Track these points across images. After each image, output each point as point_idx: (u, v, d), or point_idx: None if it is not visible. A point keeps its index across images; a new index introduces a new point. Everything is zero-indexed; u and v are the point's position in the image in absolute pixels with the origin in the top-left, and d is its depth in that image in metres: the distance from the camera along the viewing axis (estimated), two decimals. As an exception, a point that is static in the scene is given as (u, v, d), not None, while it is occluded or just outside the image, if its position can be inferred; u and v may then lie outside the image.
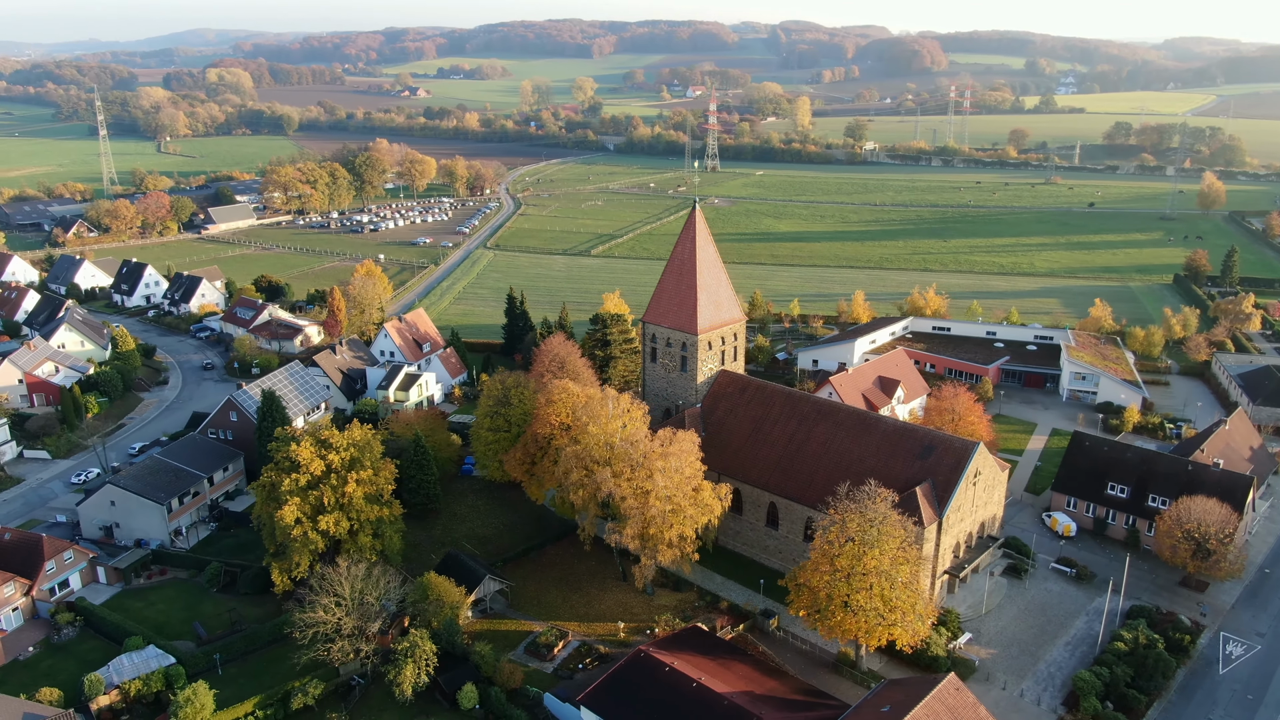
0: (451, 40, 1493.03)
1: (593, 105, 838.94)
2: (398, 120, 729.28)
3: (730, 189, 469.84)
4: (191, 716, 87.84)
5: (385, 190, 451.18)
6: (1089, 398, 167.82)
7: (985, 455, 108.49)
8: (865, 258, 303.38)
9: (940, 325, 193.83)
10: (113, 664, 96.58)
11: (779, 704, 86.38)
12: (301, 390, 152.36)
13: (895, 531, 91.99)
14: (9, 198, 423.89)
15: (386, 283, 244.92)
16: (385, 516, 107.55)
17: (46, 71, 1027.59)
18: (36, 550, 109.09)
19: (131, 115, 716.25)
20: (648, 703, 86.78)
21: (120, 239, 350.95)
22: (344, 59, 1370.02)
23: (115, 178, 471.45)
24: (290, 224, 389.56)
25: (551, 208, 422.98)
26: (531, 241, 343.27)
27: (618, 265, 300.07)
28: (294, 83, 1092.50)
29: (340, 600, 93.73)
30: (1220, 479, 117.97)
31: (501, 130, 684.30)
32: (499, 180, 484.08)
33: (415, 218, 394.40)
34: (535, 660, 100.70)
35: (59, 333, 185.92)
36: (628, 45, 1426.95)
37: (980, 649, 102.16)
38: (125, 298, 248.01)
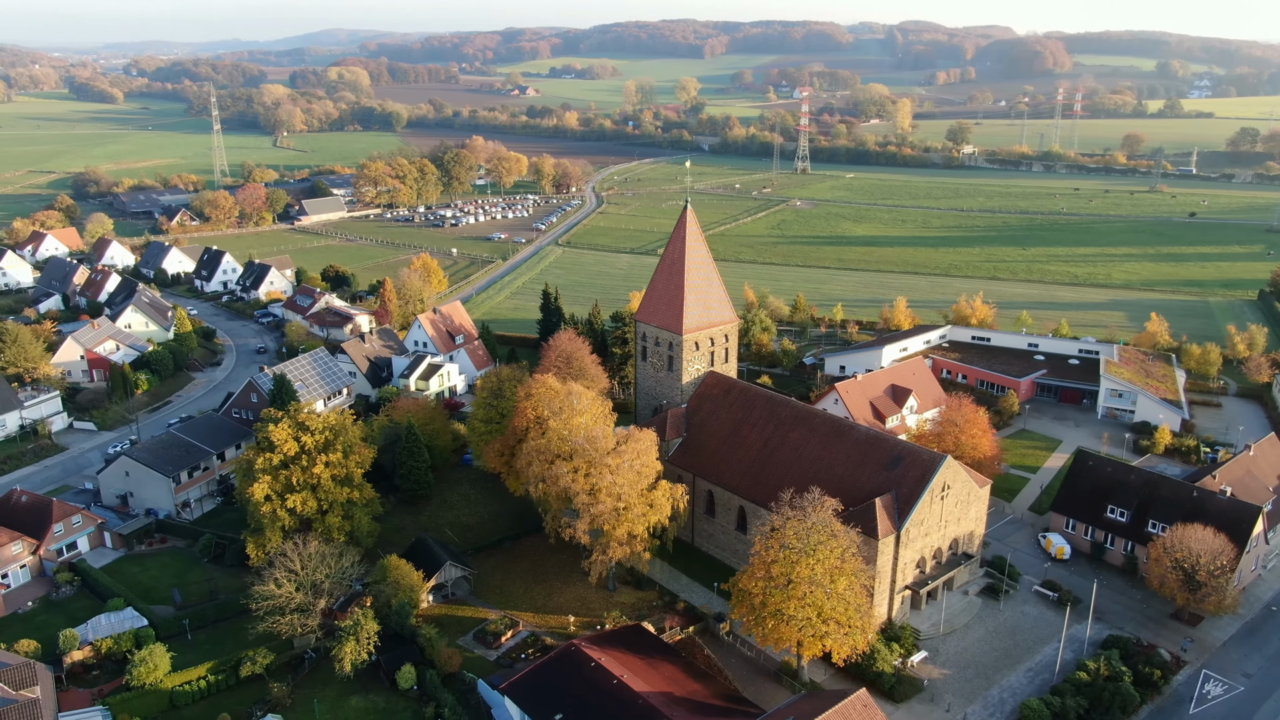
0: (566, 40, 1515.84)
1: (695, 105, 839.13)
2: (501, 118, 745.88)
3: (816, 191, 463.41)
4: (145, 676, 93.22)
5: (473, 186, 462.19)
6: (1126, 416, 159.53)
7: (955, 470, 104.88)
8: (934, 264, 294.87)
9: (980, 335, 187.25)
10: (90, 622, 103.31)
11: (694, 707, 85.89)
12: (323, 375, 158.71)
13: (835, 541, 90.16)
14: (128, 187, 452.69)
15: (442, 275, 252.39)
16: (356, 499, 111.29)
17: (185, 69, 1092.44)
18: (46, 513, 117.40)
19: (253, 111, 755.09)
20: (567, 696, 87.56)
21: (218, 228, 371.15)
22: (462, 58, 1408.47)
23: (226, 169, 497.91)
24: (378, 217, 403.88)
25: (632, 206, 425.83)
26: (603, 239, 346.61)
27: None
28: (411, 81, 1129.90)
29: (293, 575, 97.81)
30: (1226, 508, 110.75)
31: (599, 129, 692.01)
32: (585, 178, 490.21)
33: (497, 214, 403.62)
34: (481, 647, 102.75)
35: (126, 314, 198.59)
36: (740, 46, 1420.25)
37: (934, 669, 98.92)
38: (204, 283, 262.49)
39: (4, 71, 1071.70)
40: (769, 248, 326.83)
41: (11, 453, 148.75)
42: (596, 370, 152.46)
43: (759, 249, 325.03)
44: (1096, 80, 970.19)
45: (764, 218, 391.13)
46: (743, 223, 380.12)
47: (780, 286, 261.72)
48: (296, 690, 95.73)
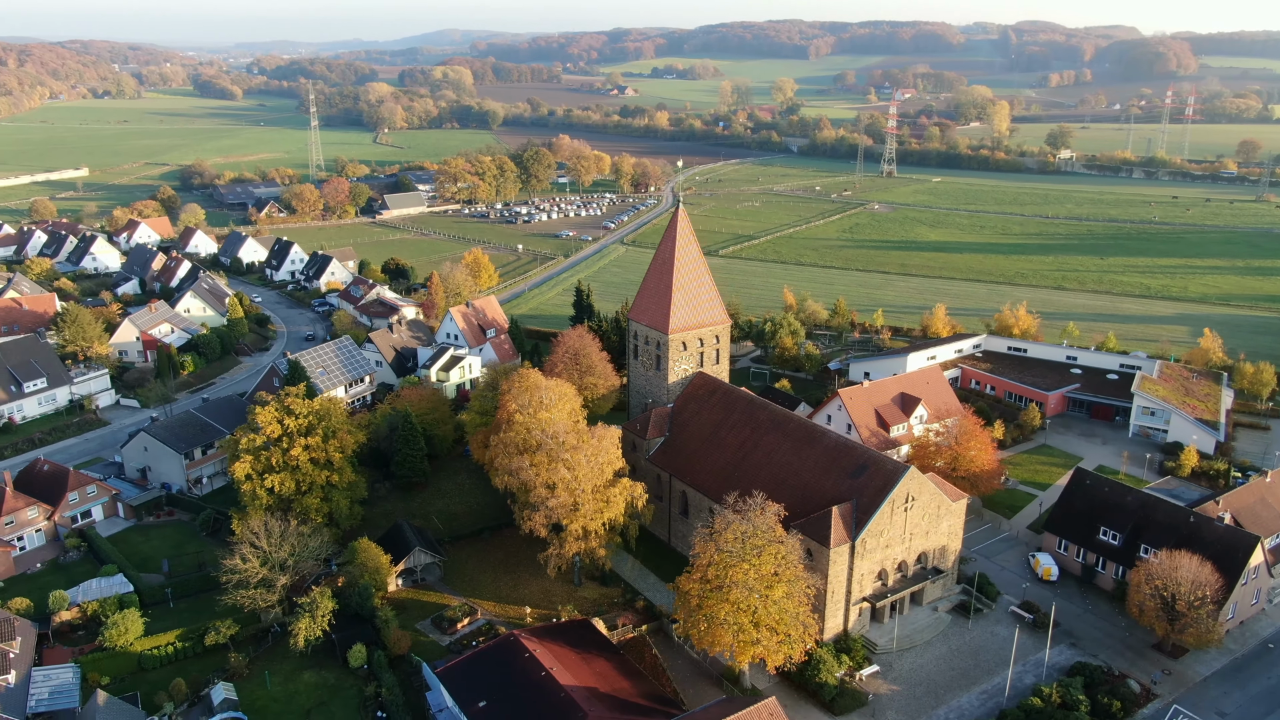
0: (671, 40, 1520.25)
1: (790, 106, 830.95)
2: (594, 117, 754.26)
3: (899, 195, 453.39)
4: (116, 638, 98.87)
5: (551, 184, 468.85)
6: (1159, 436, 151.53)
7: (921, 482, 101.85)
8: (1000, 271, 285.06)
9: (1016, 346, 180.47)
10: (82, 585, 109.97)
11: (614, 704, 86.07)
12: (345, 363, 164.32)
13: (775, 547, 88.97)
14: (228, 180, 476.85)
15: (492, 271, 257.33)
16: (335, 482, 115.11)
17: (301, 68, 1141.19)
18: (63, 482, 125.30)
19: (358, 109, 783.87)
20: (495, 684, 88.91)
21: (304, 220, 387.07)
22: (567, 58, 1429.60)
23: (322, 164, 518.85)
24: (456, 213, 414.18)
25: (707, 207, 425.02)
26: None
27: (735, 266, 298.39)
28: (514, 80, 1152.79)
29: (259, 551, 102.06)
30: (1222, 535, 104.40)
31: (689, 129, 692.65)
32: (665, 178, 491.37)
33: (571, 211, 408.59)
34: (437, 632, 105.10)
35: (185, 299, 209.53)
36: (846, 46, 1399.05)
37: (883, 684, 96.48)
38: (274, 272, 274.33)
39: (137, 70, 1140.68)
40: (834, 251, 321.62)
41: (58, 425, 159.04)
42: (605, 367, 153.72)
43: (823, 252, 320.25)
44: (1222, 83, 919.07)
45: (837, 221, 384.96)
46: (814, 225, 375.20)
47: (832, 290, 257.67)
48: (255, 662, 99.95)
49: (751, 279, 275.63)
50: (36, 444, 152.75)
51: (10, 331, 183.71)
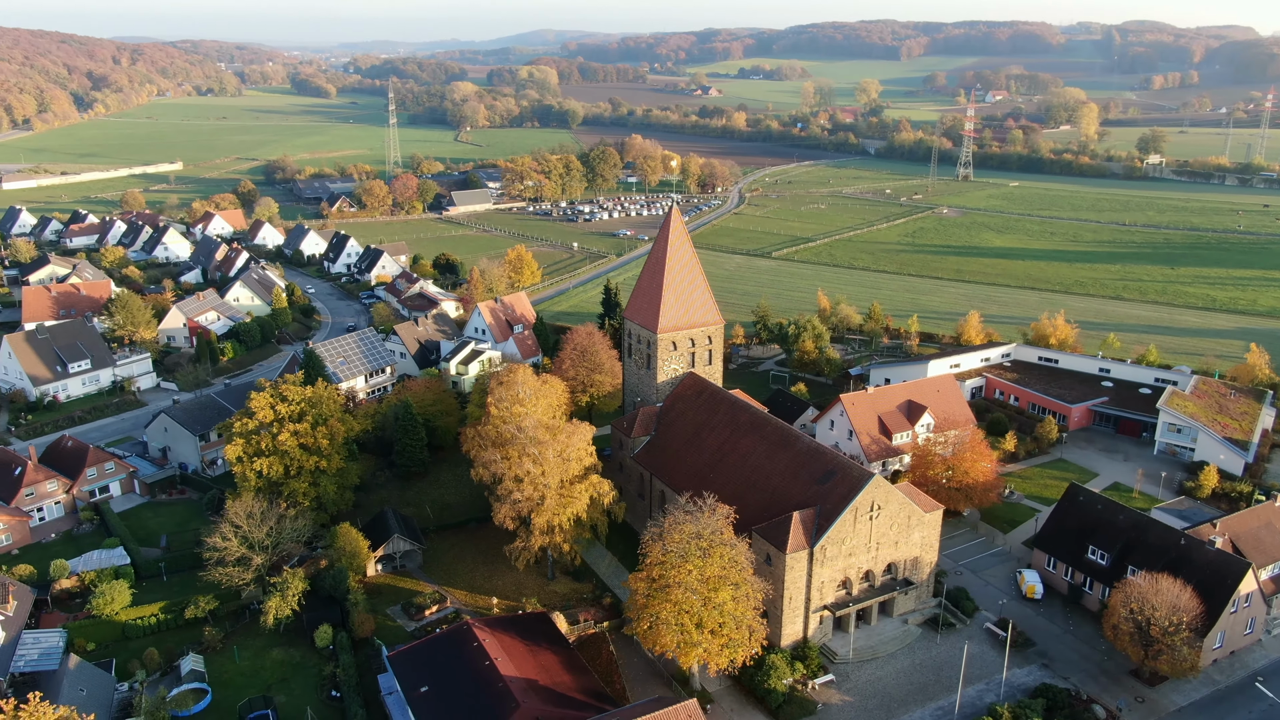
0: (760, 41, 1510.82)
1: (873, 108, 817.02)
2: (672, 118, 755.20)
3: (972, 199, 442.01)
4: (103, 607, 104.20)
5: (618, 183, 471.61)
6: (1186, 454, 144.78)
7: (887, 490, 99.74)
8: (1059, 279, 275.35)
9: (1047, 356, 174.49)
10: (84, 556, 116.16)
11: (552, 697, 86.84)
12: (366, 354, 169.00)
13: (721, 550, 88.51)
14: (309, 175, 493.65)
15: (535, 268, 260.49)
16: (323, 467, 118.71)
17: (394, 67, 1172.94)
18: (82, 458, 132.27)
19: (444, 107, 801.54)
20: (440, 670, 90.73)
21: (373, 215, 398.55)
22: (655, 58, 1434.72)
23: (399, 160, 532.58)
24: (522, 210, 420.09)
25: (771, 208, 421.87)
26: (725, 240, 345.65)
27: (784, 268, 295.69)
28: (600, 80, 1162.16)
29: (237, 530, 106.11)
30: (1212, 560, 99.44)
31: (766, 130, 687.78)
32: (734, 179, 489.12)
33: (634, 210, 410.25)
34: (404, 618, 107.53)
35: (234, 288, 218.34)
36: (939, 47, 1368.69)
37: (837, 694, 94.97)
38: (331, 264, 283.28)
39: (240, 68, 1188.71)
40: (890, 255, 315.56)
41: (99, 404, 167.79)
42: (614, 365, 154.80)
43: (879, 256, 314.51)
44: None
45: (901, 224, 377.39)
46: (876, 229, 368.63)
47: (879, 295, 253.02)
48: (229, 637, 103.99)
49: (797, 281, 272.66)
50: (76, 421, 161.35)
51: (67, 315, 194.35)
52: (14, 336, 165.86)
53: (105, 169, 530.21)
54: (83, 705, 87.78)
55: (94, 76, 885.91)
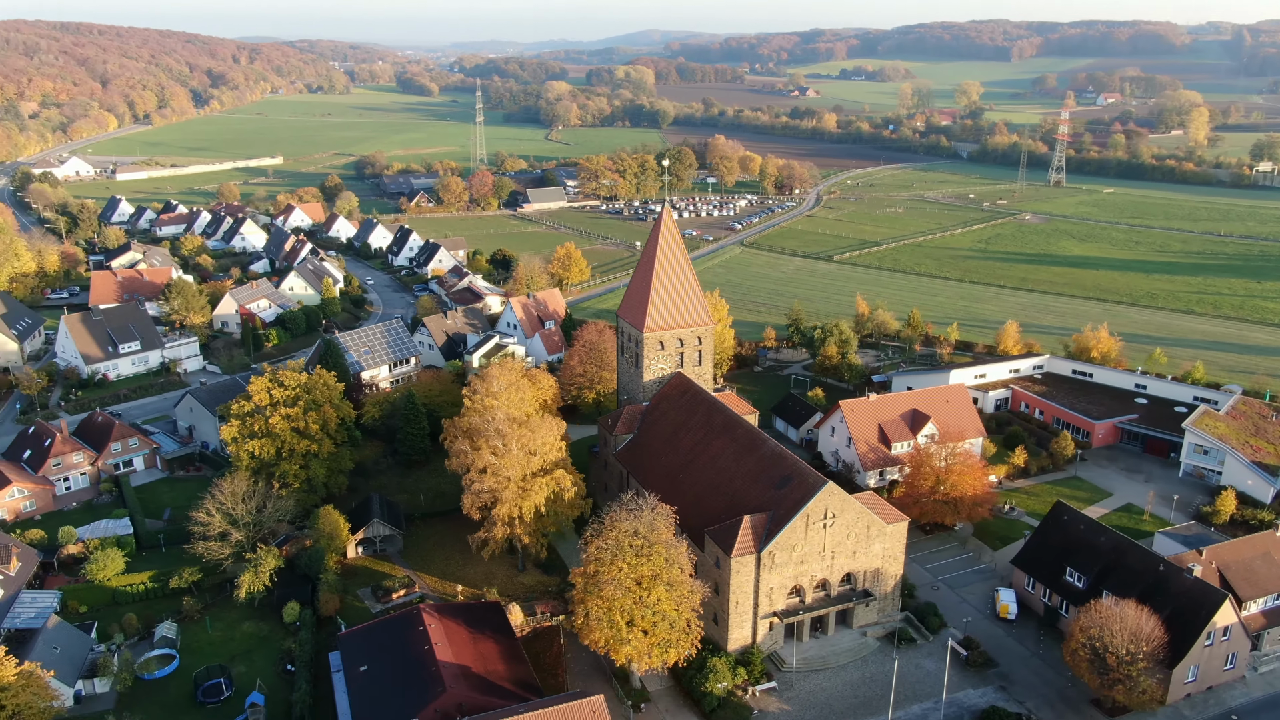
0: (864, 41, 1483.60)
1: (973, 110, 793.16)
2: (762, 119, 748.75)
3: (1059, 205, 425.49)
4: (95, 572, 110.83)
5: (694, 184, 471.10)
6: (1213, 477, 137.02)
7: (842, 498, 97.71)
8: (1128, 291, 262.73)
9: (1081, 369, 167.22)
10: (92, 525, 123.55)
11: (481, 684, 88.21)
12: (391, 345, 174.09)
13: (658, 549, 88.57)
14: (396, 170, 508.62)
15: (584, 265, 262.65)
16: (314, 451, 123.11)
17: (496, 66, 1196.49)
18: (108, 432, 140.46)
19: (537, 106, 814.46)
20: (383, 651, 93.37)
21: (449, 210, 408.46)
22: (757, 59, 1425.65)
23: (485, 158, 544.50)
24: (595, 209, 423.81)
25: (846, 211, 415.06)
26: (790, 242, 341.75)
27: (843, 272, 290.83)
28: (697, 80, 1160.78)
29: (220, 506, 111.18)
30: (1189, 588, 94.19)
31: (856, 132, 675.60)
32: (813, 181, 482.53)
33: (706, 211, 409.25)
34: (371, 599, 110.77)
35: (289, 277, 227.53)
36: (1053, 48, 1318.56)
37: (777, 702, 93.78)
38: (394, 257, 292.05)
39: (351, 67, 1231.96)
40: (956, 261, 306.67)
41: (144, 383, 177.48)
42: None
43: (944, 262, 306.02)
44: None
45: (978, 230, 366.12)
46: (951, 234, 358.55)
47: (932, 301, 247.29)
48: (208, 608, 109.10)
49: (851, 286, 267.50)
50: (121, 399, 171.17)
51: (130, 299, 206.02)
52: (70, 317, 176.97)
53: (211, 162, 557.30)
54: (55, 662, 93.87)
55: (213, 74, 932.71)
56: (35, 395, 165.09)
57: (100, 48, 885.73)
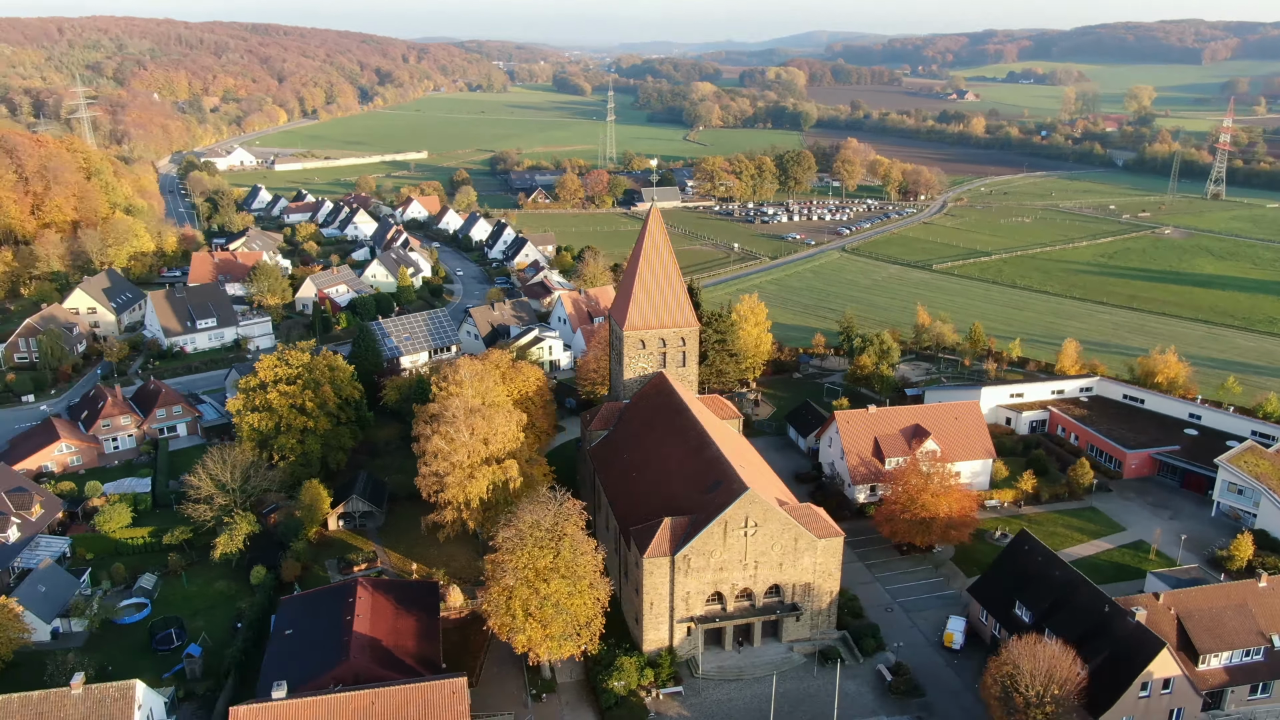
0: (1038, 43, 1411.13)
1: (1143, 116, 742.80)
2: (907, 123, 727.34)
3: (1208, 220, 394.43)
4: (102, 524, 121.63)
5: (813, 187, 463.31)
6: (1249, 520, 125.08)
7: (764, 507, 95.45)
8: (1246, 314, 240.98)
9: (1132, 395, 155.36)
10: (118, 481, 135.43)
11: (383, 658, 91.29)
12: (432, 332, 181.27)
13: (565, 543, 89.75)
14: (525, 166, 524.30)
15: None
16: (310, 427, 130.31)
17: (650, 67, 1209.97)
18: (154, 398, 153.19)
19: (681, 106, 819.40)
20: (310, 618, 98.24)
21: (563, 207, 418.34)
22: (920, 60, 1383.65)
23: (614, 156, 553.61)
24: (708, 210, 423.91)
25: (967, 219, 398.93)
26: (893, 250, 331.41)
27: (935, 282, 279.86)
28: (853, 83, 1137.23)
29: (210, 472, 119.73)
30: (1130, 633, 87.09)
31: (1004, 138, 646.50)
32: (941, 187, 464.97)
33: (819, 214, 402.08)
34: (334, 571, 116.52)
35: (372, 265, 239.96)
36: (1252, 50, 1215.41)
37: (677, 706, 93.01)
38: (489, 250, 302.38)
39: (512, 67, 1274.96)
40: (1064, 275, 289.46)
41: (216, 357, 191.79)
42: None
43: (1050, 275, 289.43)
44: None
45: (1106, 244, 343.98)
46: (1073, 247, 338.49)
47: (1018, 315, 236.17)
48: (190, 565, 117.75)
49: (934, 296, 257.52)
50: (193, 370, 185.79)
51: (224, 279, 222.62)
52: (156, 294, 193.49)
53: (361, 155, 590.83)
54: (37, 600, 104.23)
55: (381, 73, 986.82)
56: (116, 362, 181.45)
57: (282, 47, 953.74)
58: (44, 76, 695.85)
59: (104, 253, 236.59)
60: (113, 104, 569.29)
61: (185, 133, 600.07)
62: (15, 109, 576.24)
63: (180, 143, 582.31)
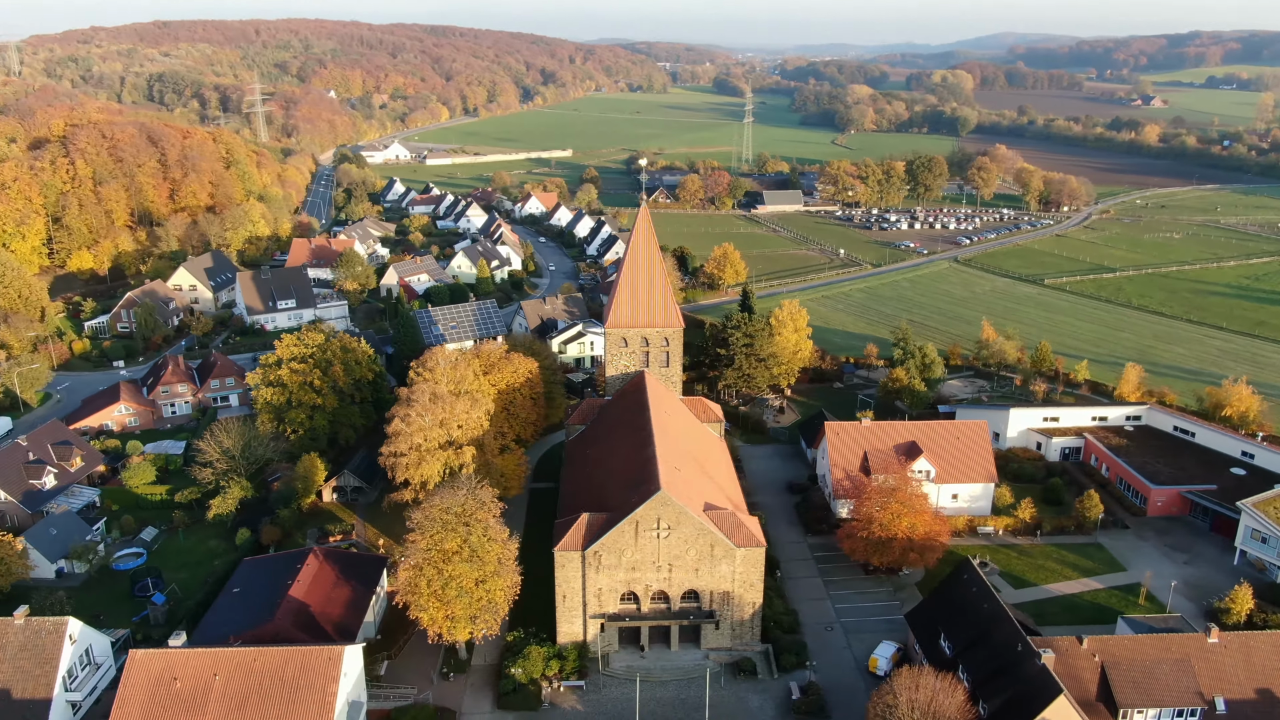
0: (1247, 46, 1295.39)
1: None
2: (1074, 130, 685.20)
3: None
4: (129, 479, 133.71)
5: (943, 194, 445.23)
6: (1275, 571, 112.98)
7: (677, 510, 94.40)
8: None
9: (1183, 426, 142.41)
10: (157, 443, 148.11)
11: (307, 623, 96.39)
12: (478, 322, 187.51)
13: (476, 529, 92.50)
14: (659, 166, 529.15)
15: (741, 267, 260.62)
16: (319, 404, 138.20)
17: (814, 69, 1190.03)
18: (210, 369, 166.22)
19: (835, 109, 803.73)
20: (260, 579, 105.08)
21: (683, 208, 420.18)
22: (1109, 64, 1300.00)
23: (749, 159, 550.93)
24: (829, 214, 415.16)
25: (1107, 233, 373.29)
26: (1009, 262, 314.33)
27: (1041, 297, 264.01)
28: (1028, 87, 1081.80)
29: (218, 442, 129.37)
30: (1032, 676, 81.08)
31: (1179, 147, 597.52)
32: (1089, 198, 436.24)
33: (944, 222, 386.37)
34: (312, 539, 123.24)
35: (457, 256, 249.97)
36: None
37: (573, 700, 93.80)
38: (588, 246, 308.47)
39: (677, 68, 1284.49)
40: (1193, 297, 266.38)
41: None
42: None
43: (1177, 295, 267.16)
44: None
45: (1254, 265, 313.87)
46: (1217, 267, 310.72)
47: (1113, 336, 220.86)
48: (192, 524, 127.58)
49: (1033, 312, 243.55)
50: (269, 347, 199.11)
51: (316, 264, 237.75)
52: (243, 274, 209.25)
53: (509, 152, 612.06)
54: (45, 542, 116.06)
55: (545, 73, 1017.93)
56: (200, 336, 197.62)
57: (455, 48, 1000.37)
58: (236, 74, 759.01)
59: (222, 235, 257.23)
60: (287, 100, 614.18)
61: (350, 127, 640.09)
62: (205, 103, 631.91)
63: (345, 137, 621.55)
